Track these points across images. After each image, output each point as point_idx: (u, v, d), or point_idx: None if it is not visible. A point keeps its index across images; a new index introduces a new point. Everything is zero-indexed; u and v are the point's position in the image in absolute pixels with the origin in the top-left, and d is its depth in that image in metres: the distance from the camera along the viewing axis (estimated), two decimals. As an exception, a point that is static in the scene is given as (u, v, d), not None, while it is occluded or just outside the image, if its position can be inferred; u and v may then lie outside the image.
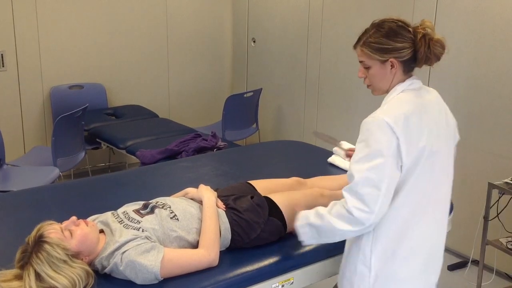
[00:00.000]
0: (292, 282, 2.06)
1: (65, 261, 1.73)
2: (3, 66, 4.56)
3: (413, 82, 1.86)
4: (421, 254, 1.87)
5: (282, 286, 2.04)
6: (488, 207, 2.97)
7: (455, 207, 2.64)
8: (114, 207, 2.10)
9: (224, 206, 2.15)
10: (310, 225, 1.88)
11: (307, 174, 2.60)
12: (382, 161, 1.71)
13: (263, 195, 2.27)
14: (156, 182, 2.75)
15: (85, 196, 2.59)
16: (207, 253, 1.90)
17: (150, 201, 2.10)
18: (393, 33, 1.80)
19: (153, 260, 1.79)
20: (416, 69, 1.89)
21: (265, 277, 1.99)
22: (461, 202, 3.42)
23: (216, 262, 1.92)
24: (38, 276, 1.69)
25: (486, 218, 2.99)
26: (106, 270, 1.83)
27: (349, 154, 2.30)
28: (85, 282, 1.75)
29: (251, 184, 2.38)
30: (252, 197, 2.22)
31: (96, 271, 1.83)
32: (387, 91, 1.88)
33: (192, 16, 5.50)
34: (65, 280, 1.70)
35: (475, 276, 3.14)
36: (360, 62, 1.87)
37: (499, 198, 3.00)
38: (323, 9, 4.53)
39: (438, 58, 1.83)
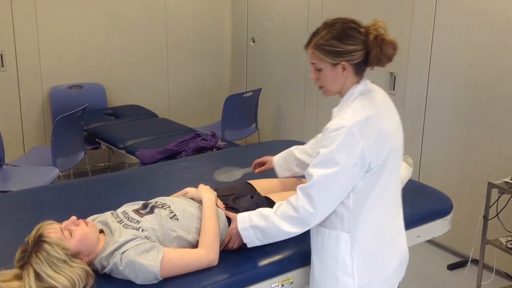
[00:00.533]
0: (292, 281, 2.06)
1: (64, 261, 1.73)
2: (2, 66, 4.56)
3: (366, 83, 1.87)
4: (397, 250, 1.94)
5: (282, 285, 2.03)
6: (487, 207, 2.97)
7: (454, 207, 2.64)
8: (114, 207, 2.10)
9: (223, 205, 2.15)
10: (254, 227, 1.91)
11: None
12: (339, 169, 1.74)
13: (263, 195, 2.27)
14: (155, 182, 2.75)
15: (84, 196, 2.58)
16: (207, 253, 1.90)
17: (150, 201, 2.09)
18: (344, 36, 1.78)
19: (153, 260, 1.78)
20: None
21: (265, 277, 1.99)
22: (461, 202, 3.42)
23: (215, 262, 1.92)
24: (37, 276, 1.69)
25: (485, 218, 2.99)
26: (106, 270, 1.83)
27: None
28: (85, 282, 1.74)
29: (251, 184, 2.39)
30: (252, 197, 2.22)
31: (95, 271, 1.83)
32: (339, 93, 1.87)
33: (191, 16, 5.50)
34: (65, 280, 1.69)
35: (475, 275, 3.14)
36: (311, 64, 1.86)
37: (499, 197, 3.00)
38: (323, 8, 4.54)
39: (389, 59, 1.82)
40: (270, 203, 2.16)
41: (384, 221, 1.87)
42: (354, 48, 1.77)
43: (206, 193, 2.12)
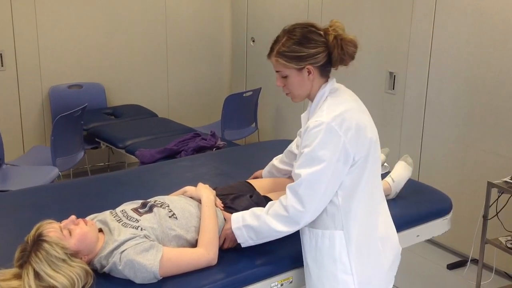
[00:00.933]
0: (291, 281, 2.06)
1: (64, 260, 1.73)
2: (2, 66, 4.56)
3: (333, 82, 1.91)
4: (391, 240, 1.96)
5: (281, 285, 2.03)
6: (487, 206, 2.97)
7: (454, 206, 2.64)
8: (114, 206, 2.10)
9: (222, 205, 2.15)
10: (247, 227, 1.92)
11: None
12: (324, 166, 1.77)
13: (262, 194, 2.27)
14: (155, 181, 2.75)
15: (84, 196, 2.58)
16: (206, 252, 1.90)
17: (149, 200, 2.09)
18: (305, 40, 1.81)
19: (152, 259, 1.78)
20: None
21: (264, 276, 1.98)
22: (461, 201, 3.42)
23: (215, 261, 1.92)
24: (37, 275, 1.69)
25: (485, 217, 2.99)
26: (105, 269, 1.83)
27: None
28: (84, 281, 1.74)
29: (250, 183, 2.39)
30: (251, 196, 2.22)
31: (95, 270, 1.83)
32: (308, 97, 1.91)
33: (191, 16, 5.50)
34: (64, 279, 1.69)
35: (475, 275, 3.14)
36: (277, 72, 1.89)
37: (498, 197, 3.00)
38: (322, 8, 4.53)
39: (352, 58, 1.85)
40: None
41: (373, 214, 1.91)
42: (316, 50, 1.81)
43: (205, 192, 2.12)
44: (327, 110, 1.82)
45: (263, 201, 2.18)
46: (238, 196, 2.21)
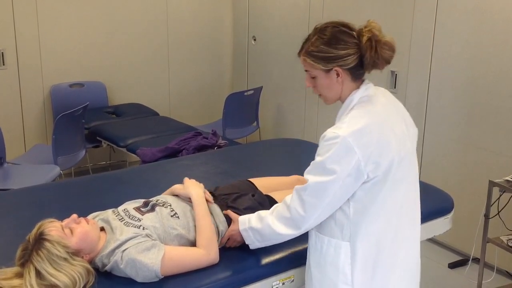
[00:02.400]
0: (293, 280, 2.06)
1: (65, 259, 1.73)
2: (3, 64, 4.56)
3: (367, 87, 1.79)
4: (399, 267, 1.85)
5: (283, 284, 2.03)
6: (488, 205, 2.97)
7: (455, 205, 2.64)
8: (115, 205, 2.10)
9: (211, 198, 2.12)
10: (252, 229, 1.91)
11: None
12: (332, 179, 1.69)
13: (264, 193, 2.26)
14: (156, 180, 2.75)
15: (85, 194, 2.58)
16: (207, 253, 1.90)
17: (151, 199, 2.09)
18: (335, 40, 1.71)
19: (154, 258, 1.78)
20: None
21: (266, 275, 1.99)
22: (462, 200, 3.42)
23: (216, 260, 1.92)
24: (38, 274, 1.69)
25: (486, 216, 2.99)
26: (107, 268, 1.83)
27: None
28: (86, 280, 1.74)
29: (251, 182, 2.38)
30: (253, 195, 2.21)
31: (96, 269, 1.83)
32: (340, 99, 1.81)
33: (192, 15, 5.49)
34: (66, 278, 1.69)
35: (476, 274, 3.14)
36: (306, 71, 1.81)
37: (500, 196, 2.99)
38: (323, 7, 4.53)
39: (387, 62, 1.74)
40: (271, 202, 2.16)
41: (388, 232, 1.80)
42: (346, 52, 1.70)
43: (194, 189, 2.08)
44: (348, 122, 1.71)
45: (265, 200, 2.18)
46: (240, 196, 2.20)
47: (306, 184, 1.75)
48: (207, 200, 2.08)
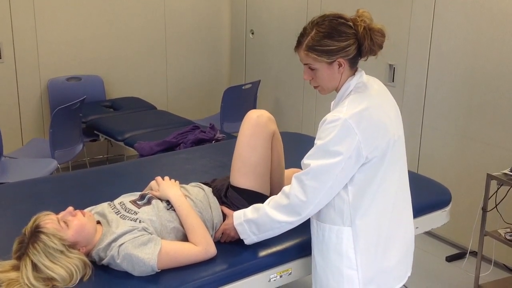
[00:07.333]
0: (290, 273, 2.06)
1: (61, 252, 1.73)
2: (0, 58, 4.54)
3: (361, 74, 1.85)
4: (398, 240, 1.92)
5: (281, 276, 2.03)
6: (486, 198, 2.97)
7: (453, 198, 2.64)
8: (112, 198, 2.09)
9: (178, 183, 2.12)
10: (248, 221, 1.91)
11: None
12: (334, 162, 1.73)
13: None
14: (154, 174, 2.72)
15: (82, 188, 2.58)
16: (203, 249, 1.90)
17: (147, 192, 2.09)
18: (335, 32, 1.75)
19: (150, 253, 1.78)
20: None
21: (263, 268, 1.99)
22: (460, 193, 3.42)
23: (214, 253, 1.92)
24: (35, 267, 1.69)
25: (484, 209, 2.99)
26: (103, 262, 1.83)
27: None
28: (83, 273, 1.74)
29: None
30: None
31: (93, 262, 1.82)
32: (336, 89, 1.86)
33: (190, 8, 5.47)
34: (62, 270, 1.69)
35: (473, 267, 3.14)
36: (305, 64, 1.83)
37: (498, 189, 2.99)
38: (321, 0, 4.52)
39: (380, 47, 1.80)
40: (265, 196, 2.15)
41: (386, 212, 1.85)
42: (347, 43, 1.75)
43: (170, 191, 2.04)
44: (347, 106, 1.76)
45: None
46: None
47: (307, 168, 1.77)
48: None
